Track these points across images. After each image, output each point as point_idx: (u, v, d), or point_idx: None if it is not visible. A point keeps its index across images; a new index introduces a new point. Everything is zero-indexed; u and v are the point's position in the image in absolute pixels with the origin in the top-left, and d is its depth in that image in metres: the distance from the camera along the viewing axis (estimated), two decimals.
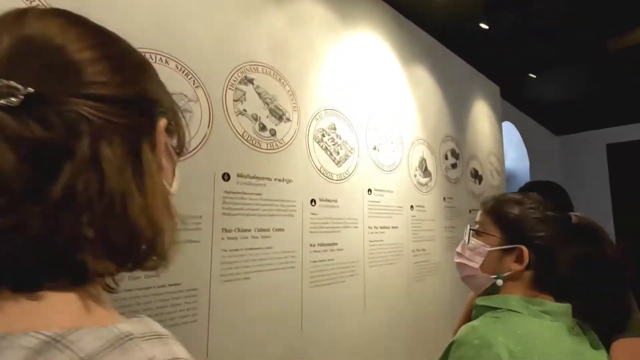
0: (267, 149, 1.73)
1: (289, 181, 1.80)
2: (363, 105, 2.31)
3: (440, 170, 2.97)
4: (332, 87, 2.12)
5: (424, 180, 2.76)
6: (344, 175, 2.10)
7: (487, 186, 3.64)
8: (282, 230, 1.74)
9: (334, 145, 2.07)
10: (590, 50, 3.71)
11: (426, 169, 2.80)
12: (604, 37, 3.47)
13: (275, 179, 1.74)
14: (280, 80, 1.83)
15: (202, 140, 1.49)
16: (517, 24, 3.22)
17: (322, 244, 1.92)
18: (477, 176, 3.47)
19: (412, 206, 2.59)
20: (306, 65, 1.98)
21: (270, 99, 1.77)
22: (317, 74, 2.04)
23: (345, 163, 2.13)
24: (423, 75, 2.92)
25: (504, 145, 4.48)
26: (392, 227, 2.39)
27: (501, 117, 4.23)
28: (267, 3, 1.81)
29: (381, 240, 2.30)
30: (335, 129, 2.09)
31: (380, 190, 2.34)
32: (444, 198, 2.96)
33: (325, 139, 2.02)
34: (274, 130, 1.76)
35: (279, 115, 1.80)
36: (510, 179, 5.12)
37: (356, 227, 2.13)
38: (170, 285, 1.34)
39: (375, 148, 2.36)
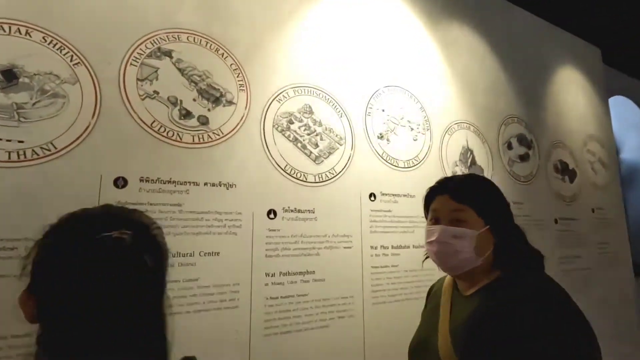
0: (193, 143, 1.26)
1: (229, 186, 1.30)
2: (362, 79, 1.70)
3: (498, 164, 2.13)
4: (308, 56, 1.57)
5: None
6: (327, 176, 1.51)
7: (586, 185, 2.58)
8: (217, 254, 1.24)
9: (309, 135, 1.50)
10: None
11: (473, 162, 2.01)
12: None
13: (206, 184, 1.26)
14: (217, 51, 1.37)
15: (82, 134, 1.10)
16: None
17: (286, 273, 1.36)
18: (565, 171, 2.47)
19: None
20: (263, 28, 1.48)
21: (200, 76, 1.31)
22: (284, 39, 1.52)
23: (330, 159, 1.54)
24: (464, 36, 2.15)
25: (618, 129, 3.26)
26: (414, 247, 1.69)
27: (606, 89, 3.06)
28: None
29: (394, 266, 1.62)
30: (311, 112, 1.53)
31: (392, 195, 1.67)
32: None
33: (294, 127, 1.47)
34: (204, 117, 1.30)
35: (214, 98, 1.33)
36: (631, 174, 3.74)
37: (349, 247, 1.51)
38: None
39: (382, 136, 1.71)
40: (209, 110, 1.31)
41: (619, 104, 3.56)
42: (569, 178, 2.48)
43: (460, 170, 1.94)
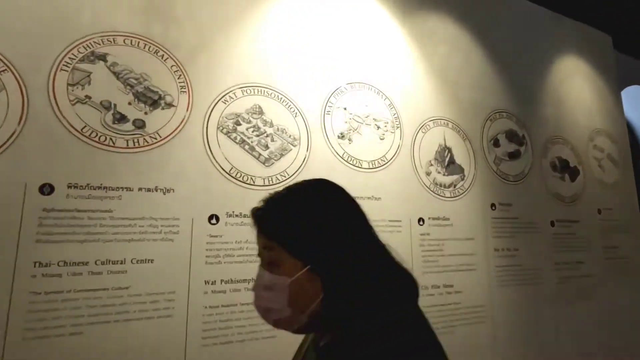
0: (127, 148, 1.24)
1: (166, 191, 1.27)
2: (320, 76, 1.62)
3: (482, 162, 1.98)
4: (259, 55, 1.51)
5: (449, 179, 1.84)
6: (277, 179, 1.45)
7: (591, 183, 2.36)
8: (151, 261, 1.21)
9: (258, 136, 1.44)
10: None
11: (452, 161, 1.87)
12: None
13: (140, 189, 1.23)
14: (157, 53, 1.34)
15: (7, 141, 1.09)
16: None
17: (229, 281, 1.30)
18: (565, 169, 2.27)
19: (421, 219, 1.72)
20: (208, 29, 1.44)
21: (137, 79, 1.29)
22: (232, 38, 1.47)
23: (281, 161, 1.47)
24: (444, 28, 2.01)
25: (637, 121, 3.00)
26: None
27: (619, 79, 2.80)
28: None
29: None
30: (261, 113, 1.47)
31: (355, 198, 1.58)
32: (493, 205, 1.95)
33: (241, 129, 1.42)
34: (140, 121, 1.27)
35: (152, 100, 1.30)
36: None
37: None
38: None
39: (343, 136, 1.62)
40: (145, 113, 1.28)
41: (635, 94, 3.26)
42: (569, 176, 2.28)
43: (435, 170, 1.81)
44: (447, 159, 1.86)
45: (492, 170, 2.00)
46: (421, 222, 1.72)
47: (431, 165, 1.81)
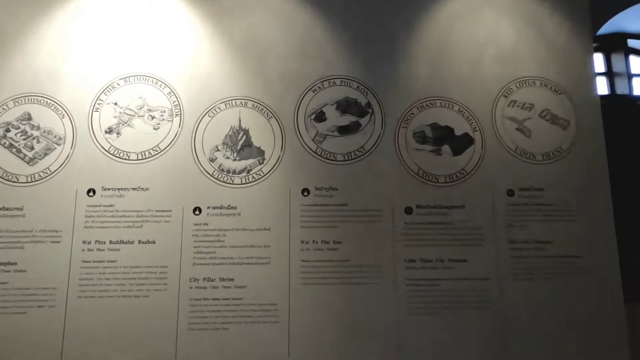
0: None
1: None
2: (88, 75, 1.72)
3: (295, 141, 1.71)
4: (27, 65, 1.71)
5: (241, 164, 1.68)
6: (40, 176, 1.63)
7: (498, 155, 1.74)
8: None
9: (25, 139, 1.66)
10: None
11: (247, 144, 1.70)
12: None
13: None
14: None
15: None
16: None
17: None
18: (443, 139, 1.73)
19: (197, 208, 1.64)
20: None
21: None
22: (2, 53, 1.71)
23: (45, 159, 1.65)
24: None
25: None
26: (141, 242, 1.60)
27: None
28: None
29: (112, 262, 1.59)
30: (30, 119, 1.68)
31: (117, 190, 1.64)
32: (306, 190, 1.67)
33: (10, 135, 1.66)
34: None
35: None
36: None
37: (56, 242, 1.59)
38: None
39: (111, 131, 1.69)
40: None
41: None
42: (451, 148, 1.72)
43: (222, 155, 1.68)
44: (240, 142, 1.70)
45: (308, 149, 1.71)
46: (197, 212, 1.64)
47: (217, 150, 1.69)
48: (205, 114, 1.71)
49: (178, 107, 1.71)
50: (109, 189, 1.64)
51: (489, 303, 1.62)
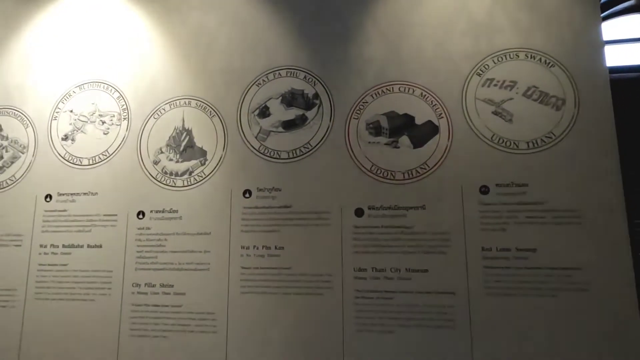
0: None
1: None
2: (47, 85, 1.79)
3: (237, 139, 1.61)
4: None
5: (184, 165, 1.62)
6: (6, 183, 1.74)
7: (469, 145, 1.46)
8: None
9: None
10: None
11: (189, 145, 1.63)
12: None
13: None
14: None
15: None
16: None
17: None
18: (402, 130, 1.50)
19: (141, 212, 1.61)
20: None
21: None
22: None
23: (12, 167, 1.75)
24: None
25: None
26: (89, 246, 1.62)
27: None
28: None
29: (63, 265, 1.63)
30: (0, 130, 1.79)
31: (70, 195, 1.68)
32: (248, 192, 1.56)
33: None
34: None
35: None
36: None
37: (18, 245, 1.68)
38: None
39: (66, 137, 1.73)
40: None
41: None
42: (411, 140, 1.48)
43: (165, 157, 1.64)
44: (183, 143, 1.64)
45: (251, 148, 1.59)
46: (140, 216, 1.61)
47: (161, 152, 1.64)
48: (150, 116, 1.69)
49: (126, 111, 1.71)
50: (63, 194, 1.68)
51: (454, 322, 1.36)
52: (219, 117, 1.63)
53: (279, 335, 1.44)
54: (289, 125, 1.58)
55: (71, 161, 1.71)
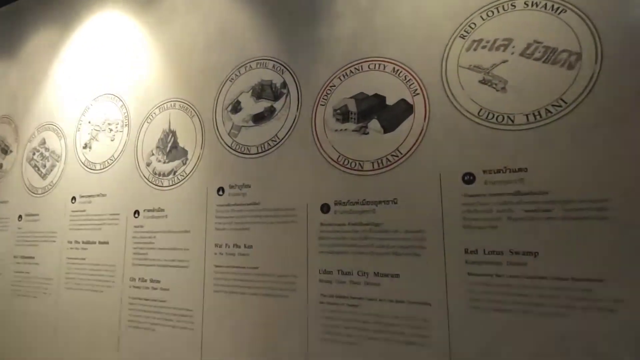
0: None
1: (4, 202, 2.19)
2: (72, 100, 2.04)
3: (212, 137, 1.60)
4: (50, 98, 2.15)
5: (169, 166, 1.68)
6: (48, 187, 2.04)
7: (448, 124, 1.20)
8: None
9: (41, 159, 2.10)
10: None
11: (174, 145, 1.68)
12: None
13: None
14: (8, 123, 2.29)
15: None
16: None
17: (23, 257, 2.05)
18: (372, 112, 1.30)
19: (137, 211, 1.73)
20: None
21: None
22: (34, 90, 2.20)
23: (51, 174, 2.04)
24: (183, 5, 1.79)
25: None
26: (100, 243, 1.80)
27: None
28: None
29: (82, 259, 1.84)
30: (44, 143, 2.11)
31: (88, 197, 1.89)
32: (221, 189, 1.54)
33: (35, 157, 2.12)
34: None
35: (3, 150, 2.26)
36: None
37: (53, 241, 1.95)
38: None
39: (86, 146, 1.95)
40: (2, 159, 2.26)
41: None
42: (380, 124, 1.27)
43: (155, 159, 1.72)
44: (169, 145, 1.70)
45: (224, 145, 1.56)
46: (136, 215, 1.72)
47: (152, 155, 1.73)
48: (145, 121, 1.79)
49: (127, 118, 1.85)
50: (83, 196, 1.90)
51: (429, 339, 1.12)
52: (198, 117, 1.65)
53: (249, 337, 1.39)
54: (258, 118, 1.51)
55: (89, 166, 1.92)
